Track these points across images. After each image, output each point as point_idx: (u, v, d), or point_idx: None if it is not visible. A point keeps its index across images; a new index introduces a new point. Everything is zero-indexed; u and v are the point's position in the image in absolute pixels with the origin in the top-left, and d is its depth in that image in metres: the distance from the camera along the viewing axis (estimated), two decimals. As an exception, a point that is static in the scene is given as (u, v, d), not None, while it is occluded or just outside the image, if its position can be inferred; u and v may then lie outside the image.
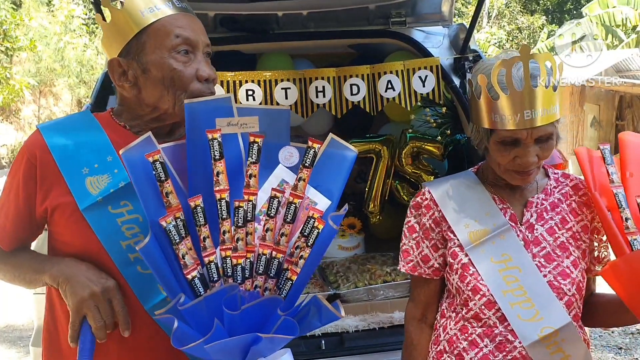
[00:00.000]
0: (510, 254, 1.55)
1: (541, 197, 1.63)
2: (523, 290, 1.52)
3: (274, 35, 3.12)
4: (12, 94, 14.52)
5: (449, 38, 3.13)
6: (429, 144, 3.09)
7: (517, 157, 1.49)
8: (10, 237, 1.45)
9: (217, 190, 1.21)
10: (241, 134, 1.30)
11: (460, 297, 1.58)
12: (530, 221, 1.60)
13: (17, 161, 1.41)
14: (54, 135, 1.39)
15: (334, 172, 1.33)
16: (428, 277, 1.65)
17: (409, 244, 1.67)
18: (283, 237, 1.23)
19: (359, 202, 3.44)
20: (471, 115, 1.59)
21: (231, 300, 1.17)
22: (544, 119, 1.47)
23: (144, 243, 1.16)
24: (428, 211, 1.63)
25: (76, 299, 1.28)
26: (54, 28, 17.56)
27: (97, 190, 1.34)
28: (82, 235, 1.34)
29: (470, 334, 1.56)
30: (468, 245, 1.56)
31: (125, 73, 1.38)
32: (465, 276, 1.56)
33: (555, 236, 1.59)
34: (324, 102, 2.82)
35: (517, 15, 23.19)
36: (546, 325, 1.51)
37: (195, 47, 1.39)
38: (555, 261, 1.56)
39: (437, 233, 1.62)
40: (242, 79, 2.77)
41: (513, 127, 1.46)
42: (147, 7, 1.36)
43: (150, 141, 1.25)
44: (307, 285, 2.71)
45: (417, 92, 2.81)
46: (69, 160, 1.36)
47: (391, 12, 3.09)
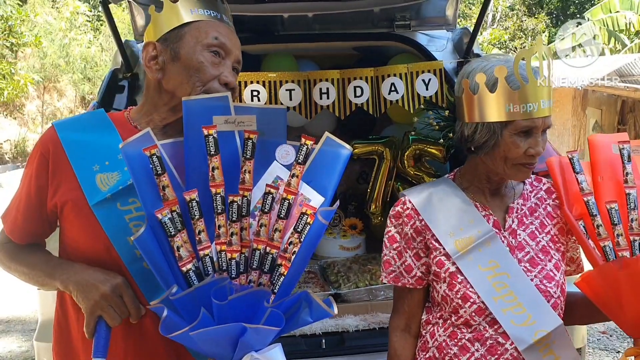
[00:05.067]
0: (497, 260, 1.56)
1: (520, 202, 1.65)
2: (513, 296, 1.54)
3: (279, 37, 3.14)
4: (16, 90, 14.57)
5: (453, 42, 3.15)
6: (431, 146, 3.11)
7: (529, 148, 1.51)
8: (22, 230, 1.49)
9: (213, 185, 1.24)
10: (238, 132, 1.33)
11: (449, 305, 1.59)
12: (512, 227, 1.62)
13: (32, 156, 1.45)
14: (67, 131, 1.43)
15: (328, 170, 1.36)
16: (411, 286, 1.65)
17: (389, 254, 1.67)
18: (277, 232, 1.26)
19: (360, 202, 3.46)
20: (469, 113, 1.56)
21: (220, 291, 1.20)
22: (550, 109, 1.52)
23: (139, 234, 1.20)
24: (409, 220, 1.62)
25: (89, 303, 1.32)
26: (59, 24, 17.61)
27: (106, 187, 1.37)
28: (90, 231, 1.38)
29: (460, 339, 1.58)
30: (455, 254, 1.57)
31: (156, 57, 1.44)
32: (454, 284, 1.57)
33: (536, 240, 1.62)
34: (328, 104, 2.85)
35: (521, 18, 23.18)
36: (540, 328, 1.53)
37: (228, 55, 1.45)
38: (539, 265, 1.59)
39: (419, 242, 1.62)
40: (247, 79, 2.80)
41: (535, 115, 1.49)
42: (197, 8, 1.45)
43: (149, 137, 1.29)
44: (309, 285, 2.75)
45: (420, 95, 2.82)
46: (81, 157, 1.40)
47: (396, 15, 3.11)
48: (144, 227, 1.21)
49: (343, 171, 1.37)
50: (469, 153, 1.63)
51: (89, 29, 19.00)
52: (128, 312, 1.34)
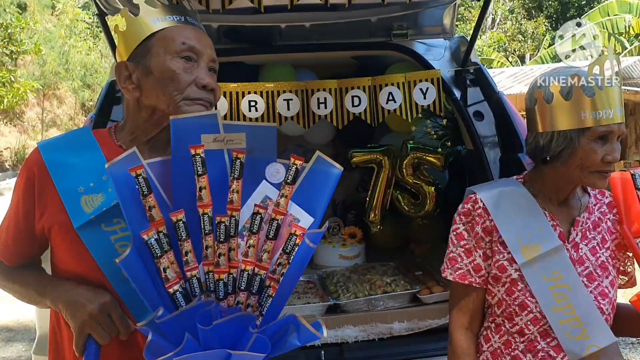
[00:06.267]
0: (561, 272, 1.57)
1: (585, 215, 1.66)
2: (572, 309, 1.54)
3: (277, 47, 3.15)
4: (16, 97, 14.59)
5: (450, 50, 3.15)
6: (429, 154, 3.12)
7: (607, 155, 1.52)
8: (12, 253, 1.48)
9: (200, 205, 1.23)
10: (227, 151, 1.31)
11: (505, 310, 1.59)
12: (575, 240, 1.62)
13: (19, 179, 1.45)
14: (51, 153, 1.42)
15: (318, 190, 1.34)
16: (478, 285, 1.64)
17: (456, 251, 1.66)
18: (265, 253, 1.24)
19: (360, 211, 3.46)
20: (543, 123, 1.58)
21: (205, 316, 1.18)
22: (624, 116, 1.54)
23: (124, 256, 1.18)
24: (480, 219, 1.62)
25: (78, 322, 1.32)
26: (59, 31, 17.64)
27: (91, 209, 1.36)
28: (77, 253, 1.37)
29: (514, 349, 1.59)
30: (522, 261, 1.57)
31: (130, 76, 1.42)
32: (513, 291, 1.58)
33: (597, 256, 1.62)
34: (326, 113, 2.85)
35: (520, 21, 23.21)
36: (593, 343, 1.54)
37: (200, 57, 1.42)
38: (596, 281, 1.60)
39: (488, 242, 1.62)
40: (245, 89, 2.80)
41: (611, 122, 1.51)
42: (159, 16, 1.42)
43: (135, 156, 1.27)
44: (308, 295, 2.74)
45: (418, 104, 2.83)
46: (65, 179, 1.38)
47: (393, 24, 3.11)
48: (130, 249, 1.20)
49: (333, 191, 1.35)
50: (543, 164, 1.63)
51: (88, 35, 19.03)
52: (117, 330, 1.33)
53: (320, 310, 2.60)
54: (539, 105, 1.58)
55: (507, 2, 24.61)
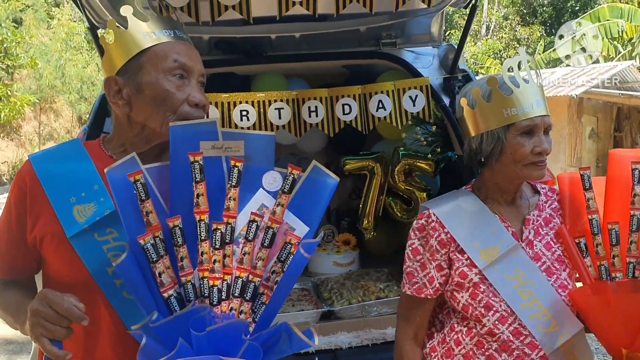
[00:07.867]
0: (522, 270, 1.64)
1: (535, 213, 1.72)
2: (539, 302, 1.61)
3: (268, 57, 3.18)
4: (13, 111, 14.61)
5: (439, 58, 3.19)
6: (421, 161, 3.14)
7: (535, 147, 1.60)
8: (5, 264, 1.49)
9: (197, 211, 1.25)
10: (225, 158, 1.32)
11: (472, 314, 1.64)
12: (529, 238, 1.68)
13: (11, 190, 1.46)
14: (43, 164, 1.43)
15: (314, 199, 1.35)
16: (430, 297, 1.70)
17: (413, 266, 1.72)
18: (260, 261, 1.26)
19: (353, 218, 3.48)
20: (473, 127, 1.68)
21: (199, 321, 1.20)
22: (547, 109, 1.62)
23: (120, 259, 1.19)
24: (434, 232, 1.68)
25: (28, 329, 1.27)
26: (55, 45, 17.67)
27: (83, 219, 1.37)
28: (70, 262, 1.37)
29: (487, 349, 1.63)
30: (483, 265, 1.63)
31: (120, 91, 1.42)
32: (477, 294, 1.63)
33: (552, 250, 1.68)
34: (317, 122, 2.88)
35: (515, 28, 23.31)
36: (564, 333, 1.62)
37: (190, 74, 1.43)
38: (555, 274, 1.66)
39: (443, 254, 1.68)
40: (236, 99, 2.83)
41: (532, 115, 1.60)
42: (149, 32, 1.42)
43: (134, 162, 1.28)
44: (302, 302, 2.76)
45: (407, 112, 2.87)
46: (58, 189, 1.39)
47: (382, 33, 3.15)
48: (126, 253, 1.21)
49: (329, 201, 1.37)
50: (480, 166, 1.72)
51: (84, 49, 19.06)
52: (67, 320, 1.24)
53: (314, 317, 2.62)
54: (466, 112, 1.68)
55: (501, 10, 24.73)
